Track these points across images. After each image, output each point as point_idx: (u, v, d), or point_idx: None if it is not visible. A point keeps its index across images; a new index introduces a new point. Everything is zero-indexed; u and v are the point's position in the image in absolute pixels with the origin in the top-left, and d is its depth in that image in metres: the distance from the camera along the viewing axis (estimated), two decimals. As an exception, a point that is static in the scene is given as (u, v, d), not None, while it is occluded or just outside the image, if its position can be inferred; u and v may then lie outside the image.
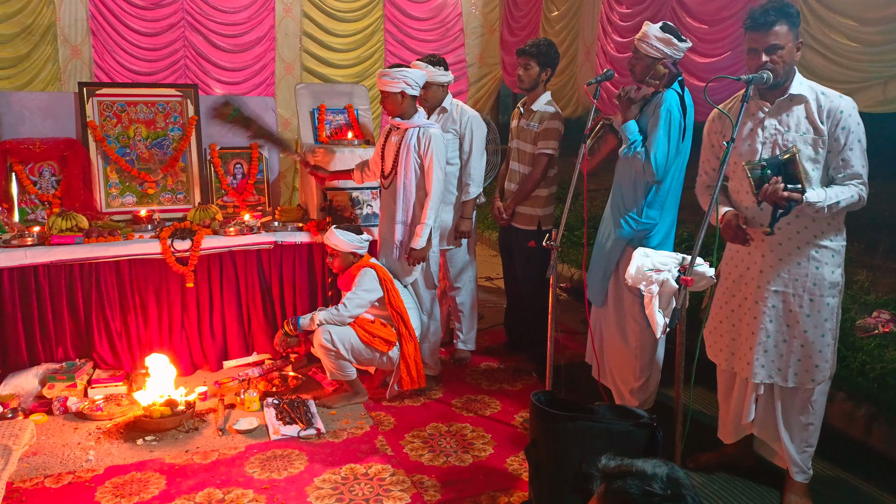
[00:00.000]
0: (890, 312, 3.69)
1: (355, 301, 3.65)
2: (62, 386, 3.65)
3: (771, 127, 2.67)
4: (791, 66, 2.62)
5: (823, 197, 2.54)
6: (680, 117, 3.18)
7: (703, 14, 5.01)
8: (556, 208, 4.27)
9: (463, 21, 7.65)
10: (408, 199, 3.78)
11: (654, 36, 3.17)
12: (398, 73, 3.64)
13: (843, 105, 2.58)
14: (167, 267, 3.89)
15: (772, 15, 2.54)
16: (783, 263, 2.72)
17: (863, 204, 2.62)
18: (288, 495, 2.90)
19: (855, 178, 2.59)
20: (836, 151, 2.60)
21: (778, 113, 2.66)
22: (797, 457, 2.80)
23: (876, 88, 3.90)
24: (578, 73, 6.51)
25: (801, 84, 2.64)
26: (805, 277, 2.69)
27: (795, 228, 2.68)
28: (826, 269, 2.68)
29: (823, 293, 2.69)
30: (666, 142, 3.16)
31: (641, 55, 3.21)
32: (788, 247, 2.70)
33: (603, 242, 3.51)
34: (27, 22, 5.95)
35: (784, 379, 2.78)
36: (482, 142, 4.21)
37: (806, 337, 2.72)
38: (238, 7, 6.66)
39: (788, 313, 2.74)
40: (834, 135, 2.58)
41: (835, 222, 2.68)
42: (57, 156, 4.24)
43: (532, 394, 2.64)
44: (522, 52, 3.94)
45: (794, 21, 2.58)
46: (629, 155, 3.24)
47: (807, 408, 2.77)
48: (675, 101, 3.17)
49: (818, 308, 2.70)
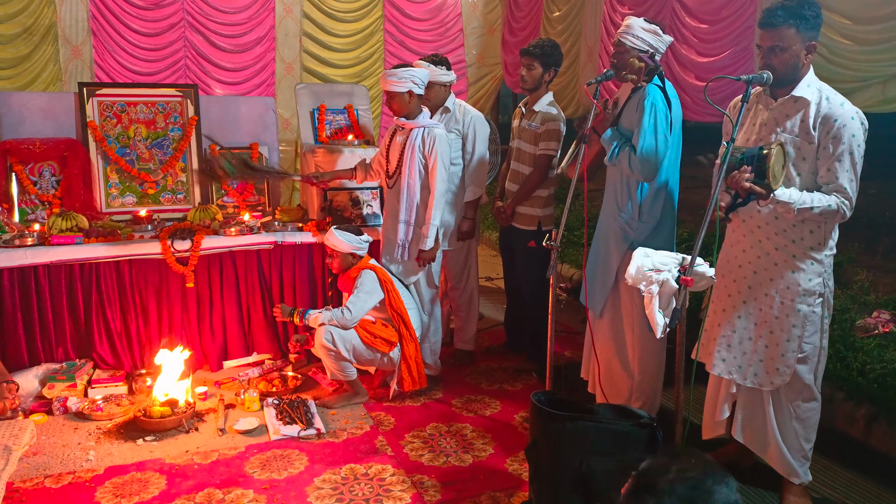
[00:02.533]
0: (890, 312, 3.69)
1: (359, 305, 3.64)
2: (62, 386, 3.65)
3: (770, 124, 2.67)
4: (794, 68, 2.58)
5: (797, 198, 2.52)
6: (665, 109, 3.11)
7: (704, 14, 5.01)
8: (557, 208, 4.27)
9: (462, 21, 7.65)
10: (411, 198, 3.78)
11: (641, 27, 3.14)
12: (405, 73, 3.63)
13: (840, 114, 2.52)
14: (167, 267, 3.89)
15: (779, 16, 2.52)
16: (761, 262, 2.74)
17: (842, 218, 2.57)
18: (288, 495, 2.91)
19: (838, 190, 2.54)
20: (824, 159, 2.56)
21: (779, 112, 2.66)
22: (793, 462, 2.79)
23: (875, 88, 3.90)
24: (581, 74, 6.50)
25: (808, 87, 2.59)
26: (780, 279, 2.69)
27: (774, 230, 2.68)
28: (802, 275, 2.66)
29: (795, 298, 2.68)
30: (653, 133, 3.09)
31: (627, 48, 3.17)
32: (767, 246, 2.71)
33: (599, 249, 3.44)
34: (28, 22, 5.95)
35: (743, 377, 2.81)
36: (485, 142, 4.20)
37: (771, 338, 2.72)
38: (238, 7, 6.66)
39: (759, 312, 2.77)
40: (823, 143, 2.55)
41: (819, 231, 2.65)
42: (57, 156, 4.24)
43: (532, 394, 2.64)
44: (526, 52, 3.93)
45: (807, 24, 2.52)
46: (612, 162, 3.21)
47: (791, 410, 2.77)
48: (659, 95, 3.11)
49: (787, 312, 2.69)
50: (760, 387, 2.77)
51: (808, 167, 2.60)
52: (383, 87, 3.73)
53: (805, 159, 2.60)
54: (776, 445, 2.80)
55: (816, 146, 2.56)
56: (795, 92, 2.60)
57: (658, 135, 3.10)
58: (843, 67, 4.02)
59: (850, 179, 2.54)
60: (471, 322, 4.43)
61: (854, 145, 2.53)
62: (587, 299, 3.33)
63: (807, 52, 2.58)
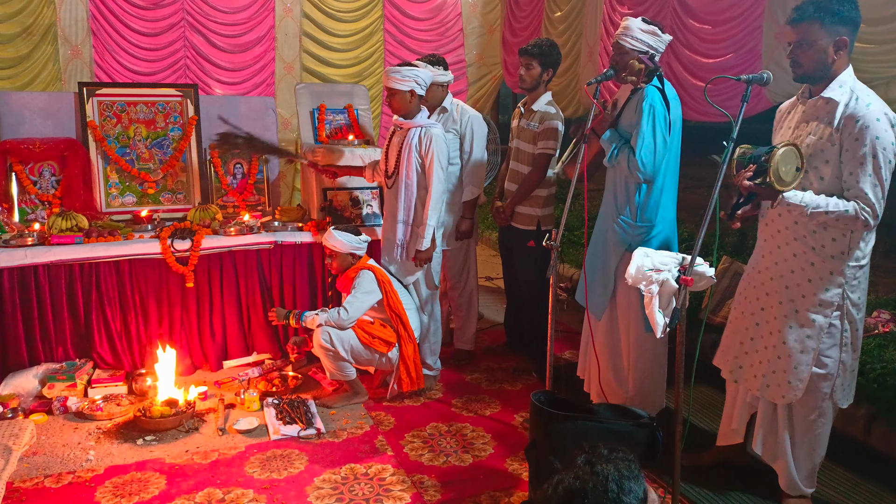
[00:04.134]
0: (890, 312, 3.68)
1: (356, 305, 3.64)
2: (62, 386, 3.65)
3: (802, 124, 2.62)
4: (823, 64, 2.49)
5: (809, 201, 2.45)
6: (664, 111, 3.10)
7: (706, 15, 5.00)
8: (556, 208, 4.27)
9: (462, 21, 7.65)
10: (409, 198, 3.78)
11: (639, 28, 3.12)
12: (409, 72, 3.63)
13: (863, 115, 2.42)
14: (167, 267, 3.89)
15: (806, 10, 2.47)
16: (778, 268, 2.68)
17: (865, 226, 2.46)
18: (288, 495, 2.90)
19: (858, 196, 2.44)
20: (846, 162, 2.46)
21: (811, 112, 2.59)
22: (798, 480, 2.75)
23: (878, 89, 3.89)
24: (581, 74, 6.50)
25: (840, 87, 2.50)
26: (795, 287, 2.63)
27: (793, 235, 2.61)
28: (819, 284, 2.58)
29: (809, 308, 2.60)
30: (651, 136, 3.08)
31: (626, 49, 3.15)
32: (785, 252, 2.65)
33: (598, 251, 3.41)
34: (28, 22, 5.95)
35: (756, 387, 2.74)
36: (483, 141, 4.20)
37: (784, 349, 2.64)
38: (238, 7, 6.66)
39: (773, 320, 2.70)
40: (847, 144, 2.45)
41: (843, 240, 2.54)
42: (57, 156, 4.23)
43: (532, 394, 2.64)
44: (525, 51, 3.94)
45: (834, 18, 2.44)
46: (612, 164, 3.21)
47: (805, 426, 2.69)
48: (657, 96, 3.10)
49: (801, 322, 2.61)
50: (772, 399, 2.70)
51: (832, 171, 2.51)
52: (385, 84, 3.72)
53: (828, 162, 2.51)
54: (785, 461, 2.74)
55: (839, 148, 2.48)
56: (826, 93, 2.51)
57: (657, 137, 3.09)
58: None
59: (873, 185, 2.42)
60: (470, 322, 4.43)
61: (879, 148, 2.41)
62: (587, 301, 3.33)
63: (836, 47, 2.47)
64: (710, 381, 3.11)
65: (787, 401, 2.67)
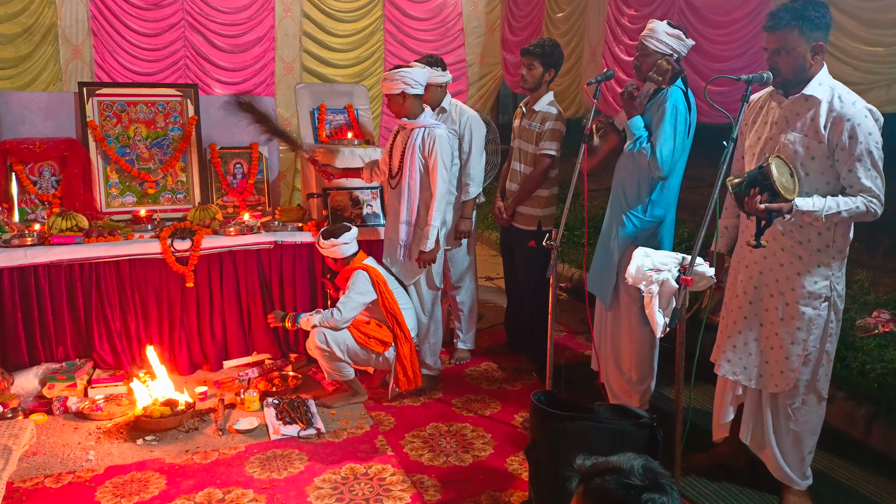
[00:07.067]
0: (890, 312, 3.68)
1: (349, 305, 3.64)
2: (62, 386, 3.65)
3: (782, 122, 2.64)
4: (801, 69, 2.54)
5: (821, 206, 2.47)
6: (686, 113, 3.17)
7: (713, 17, 4.99)
8: (557, 209, 4.27)
9: (463, 21, 7.65)
10: (412, 199, 3.77)
11: (664, 31, 3.17)
12: (396, 75, 3.64)
13: (852, 114, 2.48)
14: (167, 267, 3.89)
15: (783, 17, 2.50)
16: (767, 262, 2.72)
17: (874, 217, 2.52)
18: (288, 495, 2.90)
19: (863, 190, 2.49)
20: (843, 161, 2.50)
21: (790, 110, 2.62)
22: (786, 468, 2.78)
23: (880, 89, 3.91)
24: (583, 75, 6.49)
25: (820, 85, 2.55)
26: (785, 280, 2.67)
27: (780, 230, 2.66)
28: (807, 277, 2.62)
29: (799, 300, 2.64)
30: (672, 137, 3.14)
31: (650, 51, 3.19)
32: (773, 246, 2.68)
33: (606, 243, 3.49)
34: (28, 22, 5.95)
35: (748, 379, 2.79)
36: (481, 141, 4.20)
37: (776, 340, 2.70)
38: (238, 7, 6.66)
39: (764, 313, 2.75)
40: (840, 144, 2.49)
41: (828, 234, 2.59)
42: (57, 156, 4.24)
43: (532, 394, 2.64)
44: (527, 51, 3.93)
45: (811, 25, 2.48)
46: (635, 151, 3.22)
47: (788, 413, 2.74)
48: (681, 98, 3.17)
49: (791, 314, 2.66)
50: (764, 389, 2.75)
51: (817, 166, 2.55)
52: (382, 91, 3.75)
53: (814, 158, 2.55)
54: (771, 450, 2.78)
55: (827, 145, 2.52)
56: (806, 90, 2.56)
57: (677, 137, 3.16)
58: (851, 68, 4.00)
59: (873, 178, 2.49)
60: (471, 322, 4.43)
61: (872, 143, 2.48)
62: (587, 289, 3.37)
63: (813, 52, 2.53)
64: (710, 381, 3.11)
65: (779, 389, 2.73)
